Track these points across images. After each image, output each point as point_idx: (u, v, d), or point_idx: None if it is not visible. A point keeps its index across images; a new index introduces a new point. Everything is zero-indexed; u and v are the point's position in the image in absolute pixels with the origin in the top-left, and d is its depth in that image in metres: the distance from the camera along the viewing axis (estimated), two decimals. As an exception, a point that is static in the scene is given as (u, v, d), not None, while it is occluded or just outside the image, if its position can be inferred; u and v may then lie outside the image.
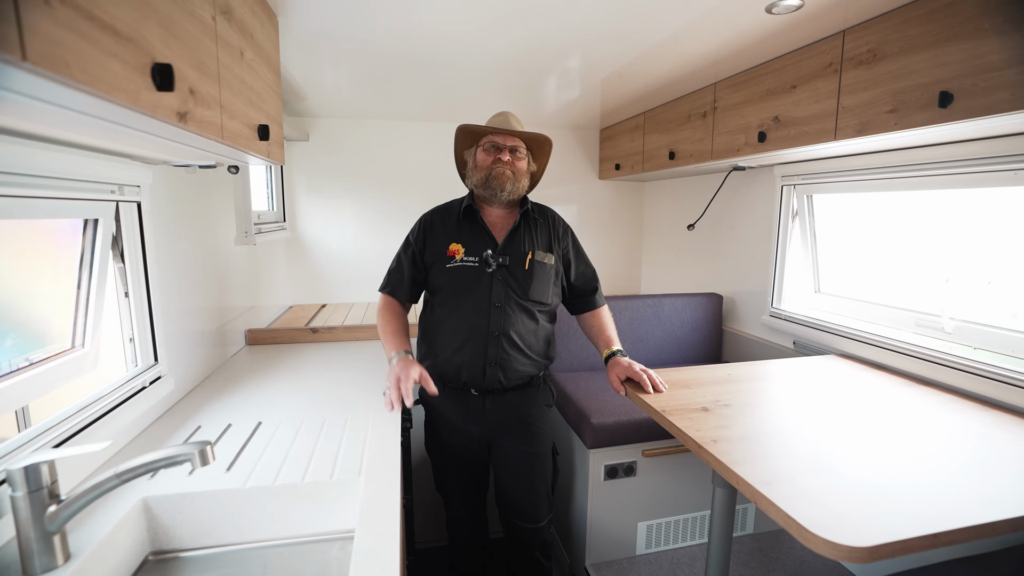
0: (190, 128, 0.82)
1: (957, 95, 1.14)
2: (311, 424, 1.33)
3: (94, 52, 0.57)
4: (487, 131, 1.48)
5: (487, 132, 1.48)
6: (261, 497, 1.05)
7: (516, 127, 1.48)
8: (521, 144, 1.49)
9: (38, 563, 0.76)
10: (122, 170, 1.18)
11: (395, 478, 1.07)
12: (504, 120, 1.48)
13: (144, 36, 0.67)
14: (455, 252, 1.47)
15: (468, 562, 1.77)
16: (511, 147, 1.46)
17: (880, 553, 0.78)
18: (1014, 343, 1.39)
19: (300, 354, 1.97)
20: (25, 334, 1.08)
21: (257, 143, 1.19)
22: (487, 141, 1.47)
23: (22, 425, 1.05)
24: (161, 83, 0.70)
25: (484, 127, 1.48)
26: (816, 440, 1.15)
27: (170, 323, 1.42)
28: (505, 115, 1.50)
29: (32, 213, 0.96)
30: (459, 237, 1.49)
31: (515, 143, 1.47)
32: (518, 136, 1.47)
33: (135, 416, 1.22)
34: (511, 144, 1.46)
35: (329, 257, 2.90)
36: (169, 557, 1.02)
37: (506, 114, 1.50)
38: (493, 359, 1.46)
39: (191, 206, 1.60)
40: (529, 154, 1.52)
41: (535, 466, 1.56)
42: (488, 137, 1.48)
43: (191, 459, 0.81)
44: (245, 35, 1.10)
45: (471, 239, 1.49)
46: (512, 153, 1.46)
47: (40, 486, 0.76)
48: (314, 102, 2.43)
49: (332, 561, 1.02)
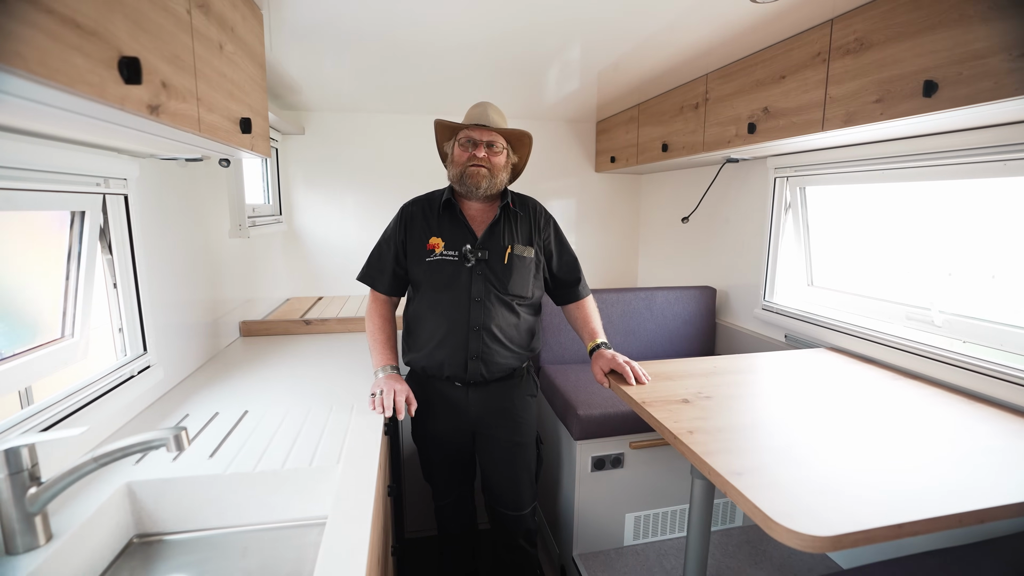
0: (163, 121, 0.84)
1: (942, 84, 1.13)
2: (296, 413, 1.35)
3: (54, 46, 0.58)
4: (462, 126, 1.46)
5: (463, 127, 1.46)
6: (242, 483, 1.07)
7: (496, 119, 1.45)
8: (499, 138, 1.46)
9: (20, 542, 0.79)
10: (107, 163, 1.20)
11: (373, 465, 1.08)
12: (482, 113, 1.45)
13: (109, 30, 0.68)
14: (435, 246, 1.47)
15: (457, 550, 1.80)
16: (488, 142, 1.44)
17: (843, 543, 0.79)
18: (1003, 337, 1.38)
19: (292, 345, 2.00)
20: (15, 324, 1.11)
21: (239, 136, 1.20)
22: (463, 136, 1.45)
23: (26, 405, 1.08)
24: (129, 76, 0.71)
25: (457, 123, 1.46)
26: (793, 432, 1.15)
27: (160, 314, 1.45)
28: (483, 107, 1.47)
29: (15, 205, 0.98)
30: (439, 231, 1.49)
31: (492, 137, 1.44)
32: (494, 131, 1.45)
33: (124, 404, 1.24)
34: (487, 139, 1.44)
35: (326, 250, 2.92)
36: (153, 540, 1.05)
37: (484, 105, 1.47)
38: (474, 353, 1.46)
39: (182, 199, 1.62)
40: (509, 147, 1.50)
41: (519, 455, 1.58)
42: (464, 132, 1.45)
43: (166, 444, 0.83)
44: (224, 29, 1.11)
45: (450, 233, 1.49)
46: (489, 148, 1.44)
47: (20, 468, 0.78)
48: (309, 96, 2.44)
49: (309, 546, 1.04)
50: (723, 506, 2.00)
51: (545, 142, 3.01)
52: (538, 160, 2.99)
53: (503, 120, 1.49)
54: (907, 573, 0.99)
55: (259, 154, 1.36)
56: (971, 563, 1.03)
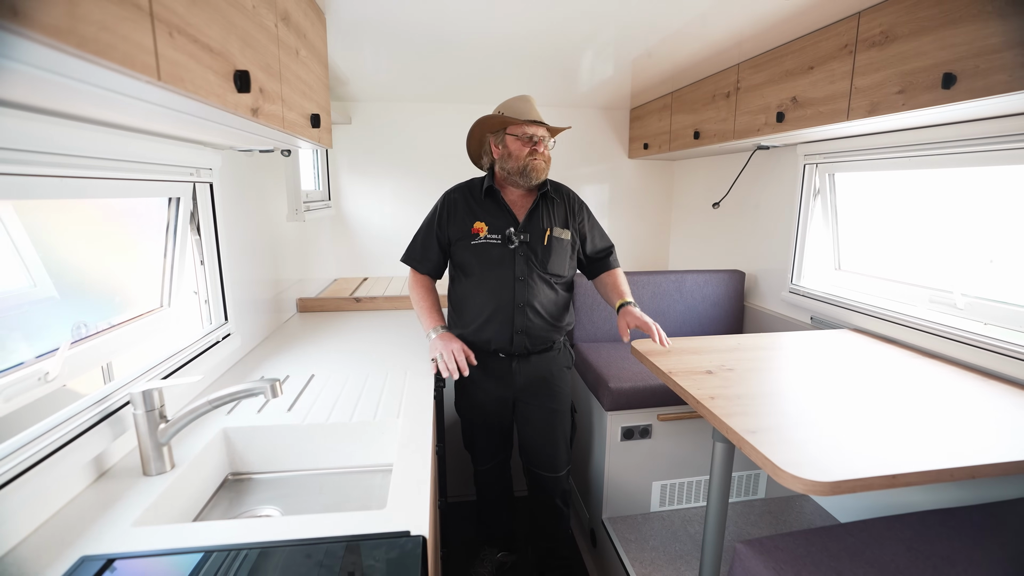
0: (260, 121, 0.99)
1: (960, 77, 1.19)
2: (356, 378, 1.52)
3: (198, 68, 0.73)
4: (522, 122, 1.56)
5: (521, 122, 1.56)
6: (316, 433, 1.25)
7: (542, 115, 1.59)
8: (548, 134, 1.60)
9: (154, 467, 0.98)
10: (197, 155, 1.37)
11: (428, 421, 1.24)
12: (532, 109, 1.56)
13: (228, 49, 0.84)
14: (479, 230, 1.59)
15: (495, 512, 1.96)
16: (542, 137, 1.57)
17: (841, 488, 0.90)
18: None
19: (345, 320, 2.18)
20: (100, 299, 1.29)
21: (310, 130, 1.36)
22: (522, 131, 1.55)
23: (107, 377, 1.27)
24: (241, 86, 0.86)
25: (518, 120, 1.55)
26: (808, 400, 1.25)
27: (235, 289, 1.64)
28: (530, 102, 1.58)
29: (129, 193, 1.17)
30: (482, 216, 1.61)
31: (546, 133, 1.58)
32: (548, 128, 1.58)
33: (211, 365, 1.44)
34: (542, 134, 1.57)
35: (370, 233, 3.10)
36: (244, 477, 1.24)
37: (530, 100, 1.58)
38: (520, 328, 1.60)
39: (250, 186, 1.81)
40: None
41: (556, 421, 1.73)
42: (527, 128, 1.55)
43: (264, 392, 1.00)
44: (300, 36, 1.26)
45: (494, 218, 1.61)
46: (543, 144, 1.58)
47: (153, 407, 0.97)
48: (355, 87, 2.59)
49: (375, 487, 1.22)
50: (746, 478, 2.10)
51: (579, 129, 3.10)
52: (572, 146, 3.10)
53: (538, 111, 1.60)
54: (907, 526, 1.09)
55: (324, 145, 1.52)
56: (972, 523, 1.12)
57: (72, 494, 0.91)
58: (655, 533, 1.95)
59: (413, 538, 0.83)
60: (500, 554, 2.00)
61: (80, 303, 1.17)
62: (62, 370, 0.96)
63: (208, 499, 1.14)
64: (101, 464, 1.00)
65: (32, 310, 1.04)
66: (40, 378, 0.92)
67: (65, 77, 0.56)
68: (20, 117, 0.78)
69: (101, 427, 0.97)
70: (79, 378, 1.05)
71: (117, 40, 0.54)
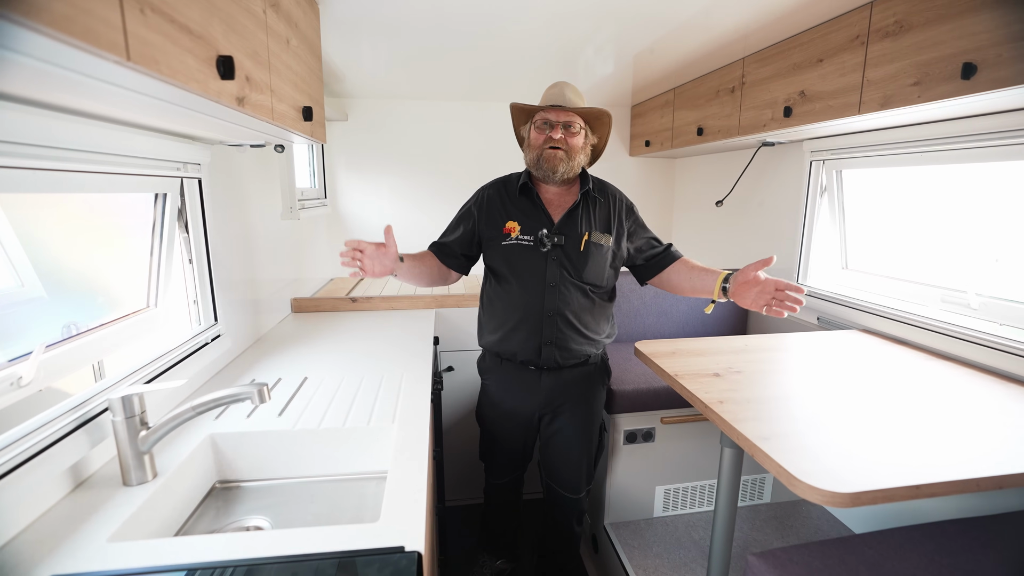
0: (246, 111, 0.94)
1: (980, 66, 1.14)
2: (351, 380, 1.47)
3: (175, 50, 0.68)
4: (538, 108, 1.42)
5: (538, 109, 1.42)
6: (307, 438, 1.19)
7: (572, 99, 1.40)
8: (576, 118, 1.40)
9: (134, 476, 0.92)
10: (185, 149, 1.32)
11: (424, 426, 1.19)
12: (558, 94, 1.40)
13: (210, 32, 0.78)
14: (511, 230, 1.46)
15: (501, 523, 1.87)
16: (564, 123, 1.40)
17: (862, 499, 0.85)
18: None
19: (341, 321, 2.13)
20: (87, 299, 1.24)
21: (302, 123, 1.30)
22: (539, 118, 1.42)
23: (98, 376, 1.22)
24: (224, 73, 0.81)
25: (533, 106, 1.43)
26: (820, 404, 1.21)
27: (226, 289, 1.58)
28: (560, 87, 1.42)
29: (113, 188, 1.11)
30: (516, 215, 1.48)
31: (568, 118, 1.39)
32: (571, 111, 1.39)
33: (199, 368, 1.38)
34: (564, 119, 1.39)
35: (367, 232, 3.04)
36: (232, 485, 1.18)
37: (561, 85, 1.42)
38: (548, 338, 1.46)
39: (242, 183, 1.75)
40: (587, 127, 1.45)
41: (583, 442, 1.60)
42: (540, 114, 1.42)
43: (251, 397, 0.95)
44: (291, 24, 1.21)
45: (527, 217, 1.47)
46: (566, 129, 1.39)
47: (134, 413, 0.91)
48: (352, 83, 2.54)
49: (368, 495, 1.16)
50: (751, 482, 2.06)
51: (579, 127, 3.05)
52: (572, 144, 3.05)
53: (580, 99, 1.43)
54: (927, 538, 1.04)
55: (317, 140, 1.47)
56: (994, 532, 1.08)
57: (46, 506, 0.86)
58: (659, 539, 1.90)
59: (408, 554, 0.77)
60: (499, 561, 1.95)
61: (68, 303, 1.12)
62: (37, 374, 0.90)
63: (194, 509, 1.08)
64: (79, 474, 0.94)
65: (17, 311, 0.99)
66: (12, 383, 0.86)
67: (20, 54, 0.50)
68: (-15, 104, 0.72)
69: (78, 434, 0.92)
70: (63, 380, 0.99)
71: (76, 12, 0.49)
